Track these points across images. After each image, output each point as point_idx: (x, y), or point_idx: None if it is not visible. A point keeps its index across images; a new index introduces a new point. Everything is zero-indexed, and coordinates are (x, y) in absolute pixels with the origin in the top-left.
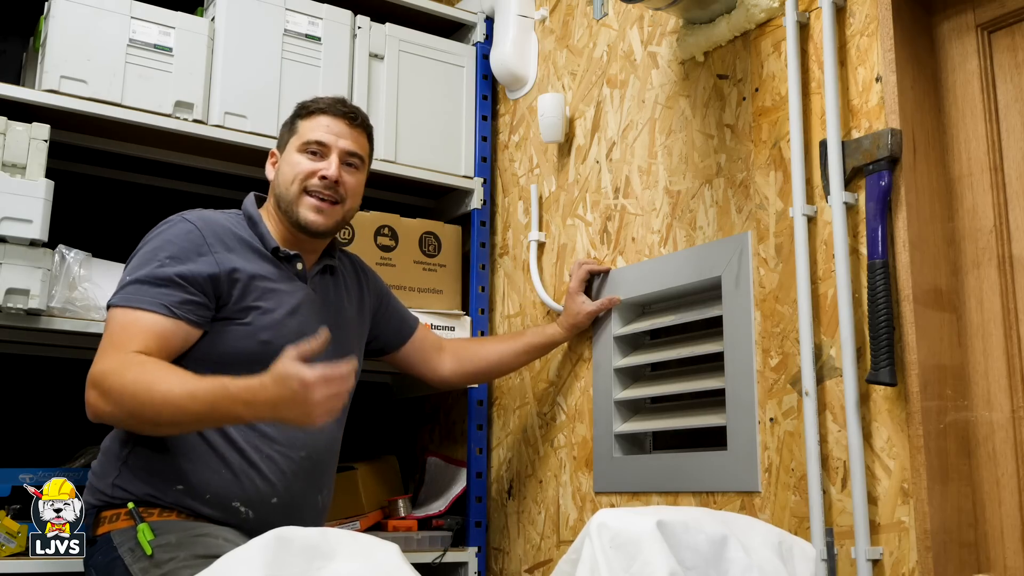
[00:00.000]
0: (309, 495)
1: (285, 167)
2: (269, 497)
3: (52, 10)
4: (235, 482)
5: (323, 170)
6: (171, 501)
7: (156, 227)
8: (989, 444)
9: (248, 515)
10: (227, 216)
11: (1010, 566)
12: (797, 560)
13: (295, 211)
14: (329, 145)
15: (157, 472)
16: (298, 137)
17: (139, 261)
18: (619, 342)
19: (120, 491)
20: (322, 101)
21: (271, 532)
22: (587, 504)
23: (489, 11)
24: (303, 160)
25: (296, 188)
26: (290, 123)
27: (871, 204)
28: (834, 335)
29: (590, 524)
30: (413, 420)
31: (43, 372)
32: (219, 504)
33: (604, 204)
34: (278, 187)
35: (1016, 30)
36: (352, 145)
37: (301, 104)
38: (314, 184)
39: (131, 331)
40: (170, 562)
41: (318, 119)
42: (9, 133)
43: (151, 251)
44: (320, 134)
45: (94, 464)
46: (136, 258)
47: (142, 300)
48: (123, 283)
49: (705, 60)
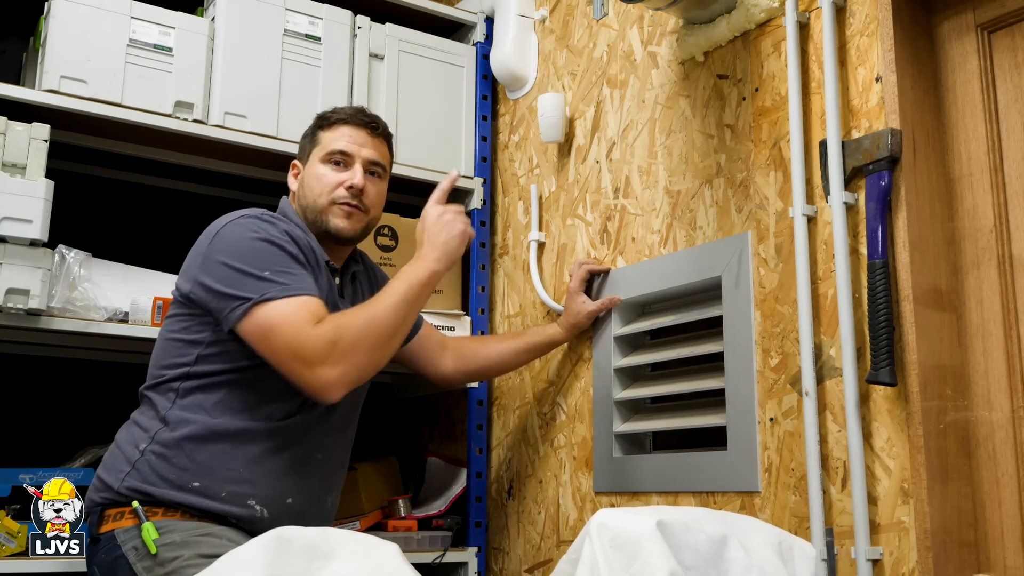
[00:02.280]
0: (321, 497)
1: (310, 179)
2: (285, 497)
3: (52, 10)
4: (253, 480)
5: (348, 180)
6: (183, 498)
7: (236, 226)
8: (989, 444)
9: (263, 514)
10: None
11: (1010, 566)
12: (797, 560)
13: (324, 221)
14: (352, 155)
15: (175, 467)
16: (321, 148)
17: (253, 258)
18: (619, 342)
19: (129, 489)
20: (342, 111)
21: (271, 532)
22: (587, 504)
23: (489, 11)
24: (328, 172)
25: (324, 200)
26: (311, 135)
27: (871, 204)
28: (834, 335)
29: (590, 524)
30: (413, 420)
31: (43, 372)
32: (235, 501)
33: (604, 204)
34: (304, 199)
35: (1016, 30)
36: (374, 154)
37: (321, 115)
38: (341, 195)
39: (304, 311)
40: (174, 561)
41: (340, 129)
42: (9, 133)
43: (262, 248)
44: (343, 144)
45: (105, 457)
46: (240, 255)
47: (292, 288)
48: (252, 277)
49: (705, 60)
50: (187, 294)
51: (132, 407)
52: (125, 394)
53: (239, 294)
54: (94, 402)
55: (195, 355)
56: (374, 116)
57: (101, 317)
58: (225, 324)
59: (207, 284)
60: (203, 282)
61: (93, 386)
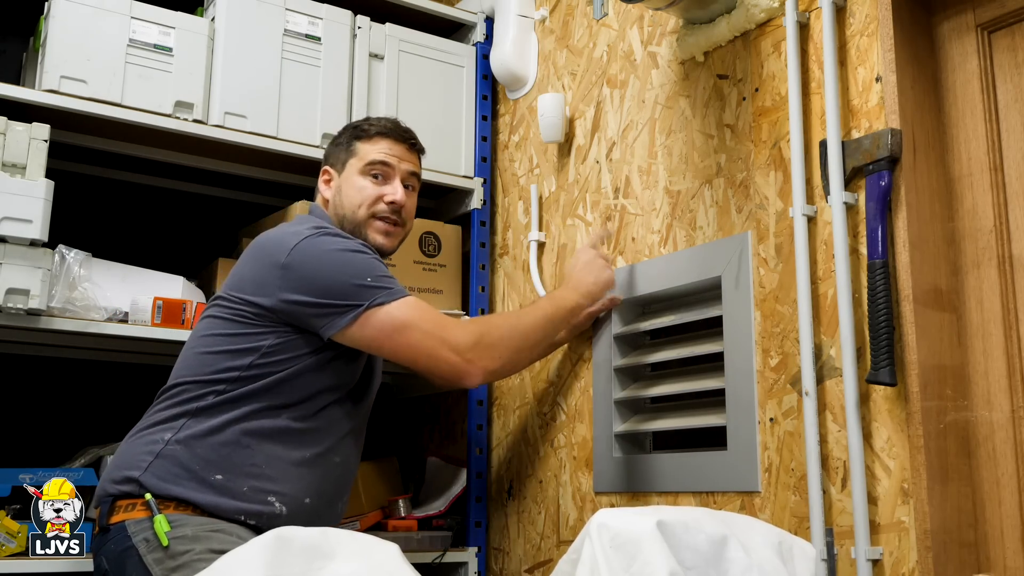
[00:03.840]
0: (334, 501)
1: (350, 190)
2: (303, 497)
3: (52, 10)
4: (275, 477)
5: (389, 195)
6: (201, 492)
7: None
8: (989, 444)
9: (282, 511)
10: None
11: (1010, 566)
12: (797, 560)
13: (363, 233)
14: (393, 167)
15: (199, 459)
16: (359, 159)
17: (348, 268)
18: (619, 342)
19: (150, 477)
20: (381, 123)
21: (271, 532)
22: (587, 504)
23: (489, 11)
24: (368, 184)
25: (364, 212)
26: (347, 144)
27: (871, 204)
28: (834, 335)
29: (590, 524)
30: (413, 420)
31: (43, 372)
32: (255, 497)
33: (604, 204)
34: (342, 208)
35: (1016, 30)
36: (412, 167)
37: (358, 126)
38: (381, 209)
39: (427, 308)
40: (186, 554)
41: (380, 142)
42: (9, 133)
43: (354, 258)
44: (385, 156)
45: (123, 448)
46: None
47: (398, 292)
48: (355, 285)
49: (705, 60)
50: (271, 308)
51: (132, 407)
52: (125, 394)
53: (346, 303)
54: (94, 402)
55: (249, 361)
56: (412, 131)
57: (101, 317)
58: (327, 331)
59: (299, 299)
60: (293, 298)
61: (93, 386)
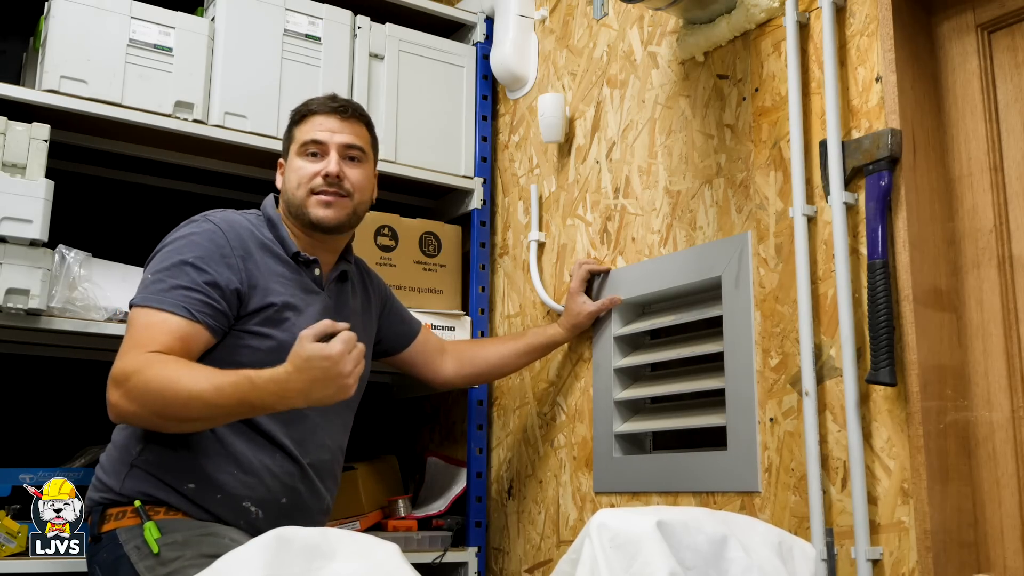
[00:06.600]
0: (317, 495)
1: (291, 174)
2: (279, 497)
3: (52, 10)
4: (246, 481)
5: (323, 169)
6: (180, 500)
7: (180, 226)
8: (989, 444)
9: (258, 515)
10: (248, 218)
11: (1010, 566)
12: (797, 560)
13: (305, 213)
14: (325, 142)
15: (169, 470)
16: (296, 142)
17: (162, 260)
18: (619, 342)
19: (129, 489)
20: (312, 103)
21: (271, 532)
22: (587, 504)
23: (489, 11)
24: (304, 164)
25: (303, 192)
26: (287, 131)
27: (871, 204)
28: (834, 335)
29: (590, 524)
30: (413, 420)
31: (43, 372)
32: (229, 504)
33: (604, 204)
34: (286, 194)
35: (1016, 30)
36: (349, 138)
37: (294, 110)
38: (318, 183)
39: (153, 331)
40: (176, 560)
41: (311, 120)
42: (9, 133)
43: (175, 250)
44: (315, 134)
45: (102, 458)
46: (159, 256)
47: (164, 301)
48: (146, 282)
49: (705, 60)
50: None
51: None
52: None
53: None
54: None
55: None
56: (345, 101)
57: (101, 317)
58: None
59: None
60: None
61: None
